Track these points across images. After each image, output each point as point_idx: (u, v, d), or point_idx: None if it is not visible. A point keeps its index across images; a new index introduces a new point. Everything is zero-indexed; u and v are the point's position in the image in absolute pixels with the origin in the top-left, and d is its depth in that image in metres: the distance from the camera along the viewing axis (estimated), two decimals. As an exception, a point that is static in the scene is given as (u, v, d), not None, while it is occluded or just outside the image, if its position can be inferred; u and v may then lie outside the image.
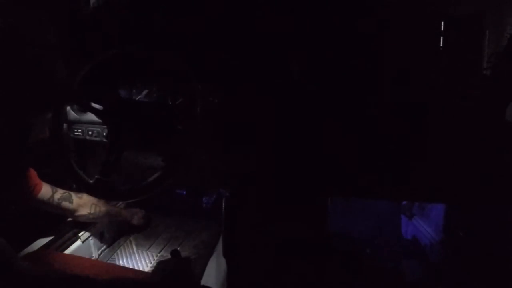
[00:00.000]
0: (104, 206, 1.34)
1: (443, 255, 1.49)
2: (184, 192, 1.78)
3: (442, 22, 1.03)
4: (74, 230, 1.30)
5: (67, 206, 1.24)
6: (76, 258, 1.11)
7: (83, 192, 1.14)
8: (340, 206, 1.63)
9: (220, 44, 1.14)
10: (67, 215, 1.31)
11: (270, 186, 1.11)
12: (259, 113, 1.06)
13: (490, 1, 1.01)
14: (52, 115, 0.96)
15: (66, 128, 0.99)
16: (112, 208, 1.38)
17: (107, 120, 0.96)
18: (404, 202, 1.79)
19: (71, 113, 1.19)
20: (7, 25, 1.06)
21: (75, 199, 1.25)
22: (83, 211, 1.28)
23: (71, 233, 1.29)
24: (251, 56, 1.12)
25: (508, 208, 1.09)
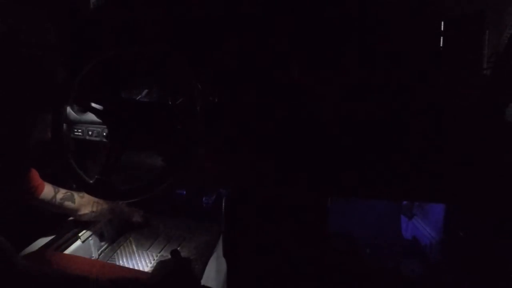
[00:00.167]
0: (106, 204, 1.34)
1: (443, 255, 1.49)
2: (184, 192, 1.79)
3: (442, 22, 1.03)
4: (74, 230, 1.30)
5: (70, 205, 1.24)
6: (76, 258, 1.11)
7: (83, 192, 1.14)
8: (340, 206, 1.63)
9: (220, 44, 1.14)
10: (70, 215, 1.31)
11: (270, 186, 1.11)
12: (259, 113, 1.06)
13: (490, 1, 1.01)
14: (52, 115, 0.96)
15: (66, 128, 0.99)
16: (114, 206, 1.39)
17: (107, 120, 0.96)
18: (404, 202, 1.79)
19: (71, 113, 1.19)
20: (7, 25, 1.06)
21: (77, 198, 1.25)
22: (85, 210, 1.28)
23: (71, 233, 1.29)
24: (251, 56, 1.12)
25: (508, 208, 1.09)
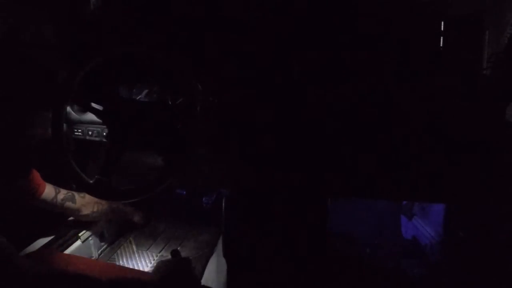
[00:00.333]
0: (106, 204, 1.34)
1: (443, 255, 1.49)
2: (184, 192, 1.78)
3: (442, 22, 1.03)
4: (74, 230, 1.30)
5: (71, 206, 1.24)
6: (76, 258, 1.11)
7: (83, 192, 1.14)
8: (340, 206, 1.63)
9: (220, 44, 1.14)
10: (71, 215, 1.31)
11: (270, 186, 1.11)
12: (259, 113, 1.06)
13: (490, 1, 1.01)
14: (52, 115, 0.96)
15: (66, 128, 0.99)
16: (114, 206, 1.39)
17: (107, 120, 0.96)
18: (404, 202, 1.79)
19: (71, 113, 1.19)
20: (7, 25, 1.06)
21: (78, 199, 1.25)
22: (86, 211, 1.28)
23: (71, 233, 1.29)
24: (251, 56, 1.12)
25: (508, 208, 1.09)
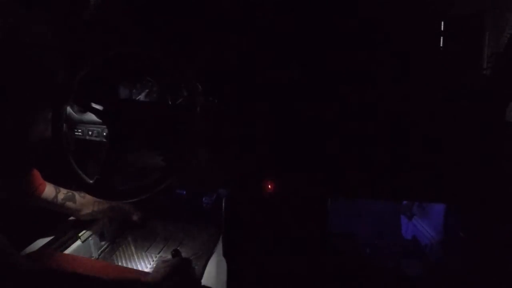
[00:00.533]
0: (106, 204, 1.34)
1: (443, 255, 1.49)
2: (184, 192, 1.78)
3: (442, 22, 1.03)
4: (74, 230, 1.30)
5: (71, 205, 1.24)
6: (76, 258, 1.11)
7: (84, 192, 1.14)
8: (340, 206, 1.63)
9: (220, 44, 1.14)
10: (71, 215, 1.31)
11: (270, 186, 1.11)
12: (259, 113, 1.06)
13: (490, 1, 1.01)
14: (52, 115, 0.96)
15: (66, 128, 0.99)
16: (114, 205, 1.39)
17: (107, 120, 0.96)
18: (404, 202, 1.79)
19: (71, 113, 1.19)
20: (7, 25, 1.06)
21: (78, 198, 1.26)
22: (86, 210, 1.28)
23: (71, 233, 1.29)
24: (251, 56, 1.12)
25: (508, 208, 1.09)
